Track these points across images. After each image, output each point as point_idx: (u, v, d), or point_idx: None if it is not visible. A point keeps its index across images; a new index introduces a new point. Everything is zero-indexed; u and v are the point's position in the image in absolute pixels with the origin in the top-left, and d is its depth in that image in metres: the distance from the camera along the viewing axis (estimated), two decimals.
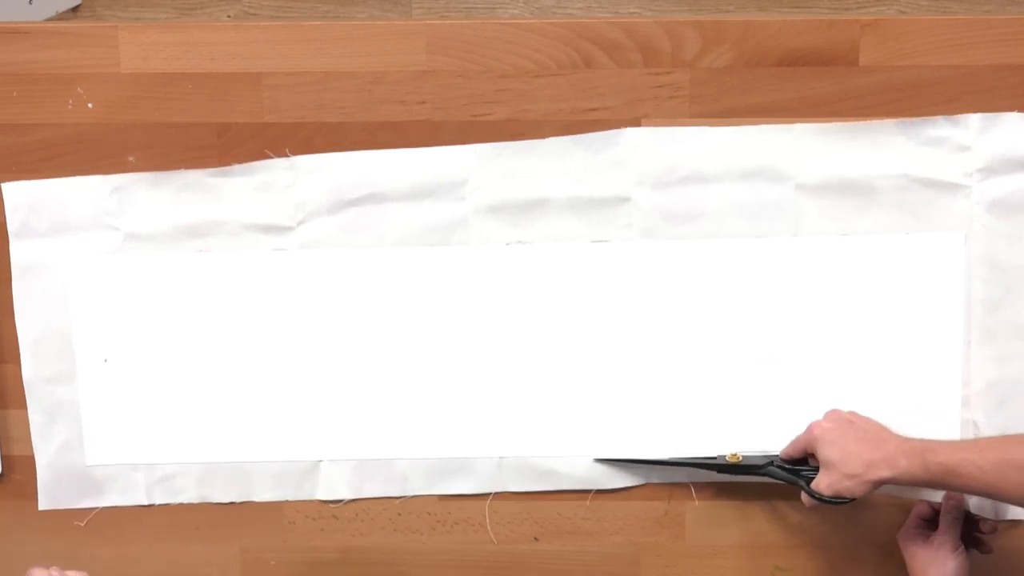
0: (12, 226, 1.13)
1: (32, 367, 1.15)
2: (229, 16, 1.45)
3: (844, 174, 1.11)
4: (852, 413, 1.07)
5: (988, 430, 1.14)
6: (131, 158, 1.12)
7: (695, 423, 1.14)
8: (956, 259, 1.12)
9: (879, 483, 0.99)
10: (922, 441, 0.98)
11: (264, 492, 1.16)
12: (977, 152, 1.11)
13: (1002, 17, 1.11)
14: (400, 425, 1.15)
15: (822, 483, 1.02)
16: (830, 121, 1.11)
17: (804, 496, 1.06)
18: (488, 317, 1.13)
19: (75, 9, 1.44)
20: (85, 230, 1.13)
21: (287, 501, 1.16)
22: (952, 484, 0.94)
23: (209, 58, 1.10)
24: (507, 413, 1.15)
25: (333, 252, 1.13)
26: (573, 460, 1.14)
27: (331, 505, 1.17)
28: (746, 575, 1.17)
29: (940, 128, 1.11)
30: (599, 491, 1.15)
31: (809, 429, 1.06)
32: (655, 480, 1.15)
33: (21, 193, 1.13)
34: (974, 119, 1.10)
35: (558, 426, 1.15)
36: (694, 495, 1.15)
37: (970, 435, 1.14)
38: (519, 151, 1.11)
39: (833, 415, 1.06)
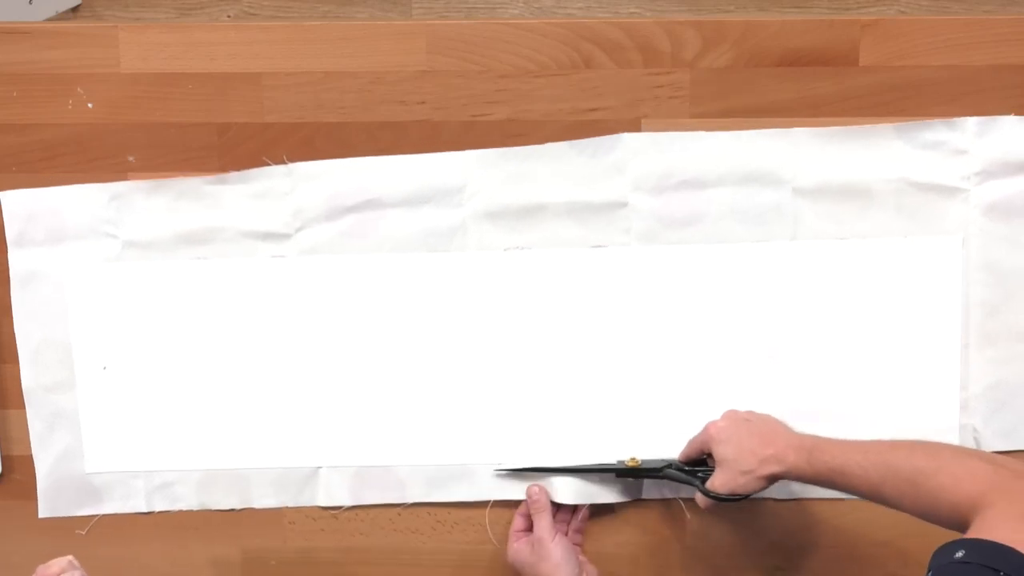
0: (10, 235, 1.13)
1: (32, 375, 1.15)
2: (229, 16, 1.45)
3: (842, 178, 1.11)
4: (749, 412, 1.07)
5: (987, 434, 1.14)
6: (131, 158, 1.12)
7: (695, 426, 1.13)
8: (954, 263, 1.12)
9: (771, 478, 0.99)
10: (814, 439, 0.98)
11: (264, 499, 1.16)
12: (974, 155, 1.11)
13: (1002, 17, 1.11)
14: (399, 431, 1.15)
15: (717, 481, 1.02)
16: (830, 120, 1.11)
17: (698, 496, 1.06)
18: (487, 323, 1.13)
19: (75, 9, 1.44)
20: (83, 238, 1.13)
21: None
22: (837, 483, 0.94)
23: (209, 58, 1.10)
24: (507, 420, 1.14)
25: (331, 259, 1.13)
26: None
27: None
28: (746, 575, 1.17)
29: (937, 132, 1.11)
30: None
31: (705, 429, 1.06)
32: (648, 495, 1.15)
33: (19, 202, 1.13)
34: (971, 123, 1.10)
35: (558, 433, 1.14)
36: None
37: (969, 440, 1.14)
38: (517, 156, 1.11)
39: (730, 414, 1.06)
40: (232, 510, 1.17)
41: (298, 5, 1.45)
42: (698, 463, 1.09)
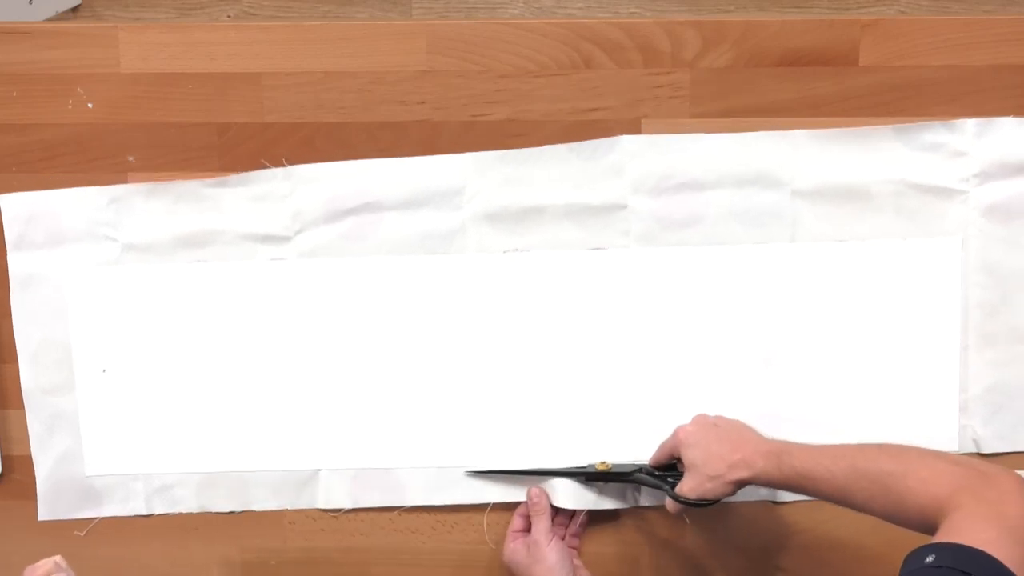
0: (10, 238, 1.13)
1: (31, 378, 1.15)
2: (229, 16, 1.45)
3: (840, 180, 1.11)
4: (718, 417, 1.07)
5: (986, 435, 1.14)
6: (131, 158, 1.12)
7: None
8: (953, 264, 1.12)
9: (739, 483, 0.99)
10: (782, 443, 0.98)
11: (263, 501, 1.16)
12: (973, 157, 1.11)
13: (1002, 17, 1.11)
14: (399, 434, 1.15)
15: (686, 486, 1.02)
16: (830, 121, 1.11)
17: (668, 501, 1.06)
18: (486, 325, 1.13)
19: (75, 9, 1.44)
20: (83, 241, 1.13)
21: None
22: (805, 487, 0.94)
23: (209, 58, 1.10)
24: (506, 422, 1.14)
25: (331, 261, 1.13)
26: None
27: None
28: (746, 575, 1.17)
29: (936, 133, 1.11)
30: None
31: (674, 433, 1.06)
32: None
33: (19, 205, 1.13)
34: (970, 124, 1.10)
35: (558, 435, 1.14)
36: None
37: (968, 441, 1.14)
38: (516, 159, 1.11)
39: (699, 419, 1.06)
40: (232, 512, 1.17)
41: (298, 5, 1.45)
42: (668, 467, 1.08)
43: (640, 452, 1.12)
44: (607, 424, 1.14)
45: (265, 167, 1.12)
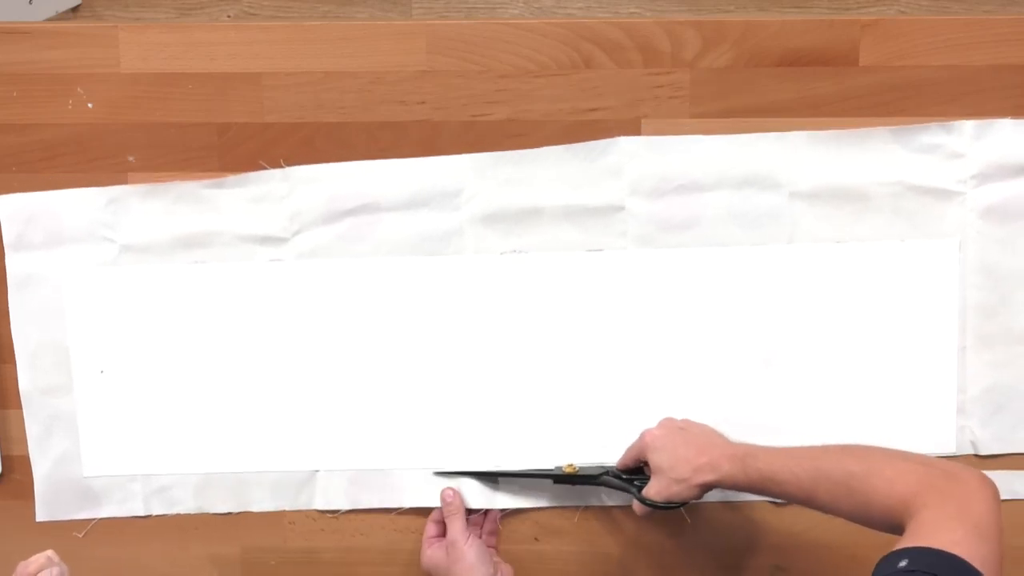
0: (8, 239, 1.13)
1: (29, 379, 1.15)
2: (229, 16, 1.45)
3: (838, 182, 1.11)
4: (685, 420, 1.07)
5: (984, 436, 1.14)
6: (131, 158, 1.12)
7: None
8: (951, 266, 1.12)
9: (705, 487, 0.99)
10: (748, 447, 0.98)
11: (261, 502, 1.16)
12: (971, 158, 1.11)
13: (1002, 17, 1.11)
14: (397, 435, 1.15)
15: (652, 489, 1.02)
16: (830, 121, 1.11)
17: (635, 504, 1.05)
18: (484, 327, 1.13)
19: (75, 9, 1.44)
20: (81, 242, 1.13)
21: None
22: (771, 490, 0.94)
23: (209, 58, 1.10)
24: (505, 424, 1.14)
25: (328, 262, 1.13)
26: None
27: None
28: (746, 575, 1.17)
29: (934, 135, 1.11)
30: (587, 508, 1.15)
31: (641, 436, 1.06)
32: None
33: (17, 206, 1.13)
34: (968, 126, 1.10)
35: (556, 437, 1.14)
36: None
37: (966, 443, 1.14)
38: (513, 160, 1.11)
39: (666, 422, 1.07)
40: (231, 513, 1.17)
41: (298, 5, 1.45)
42: (636, 470, 1.08)
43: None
44: (608, 425, 1.14)
45: (263, 168, 1.12)
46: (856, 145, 1.11)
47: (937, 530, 0.77)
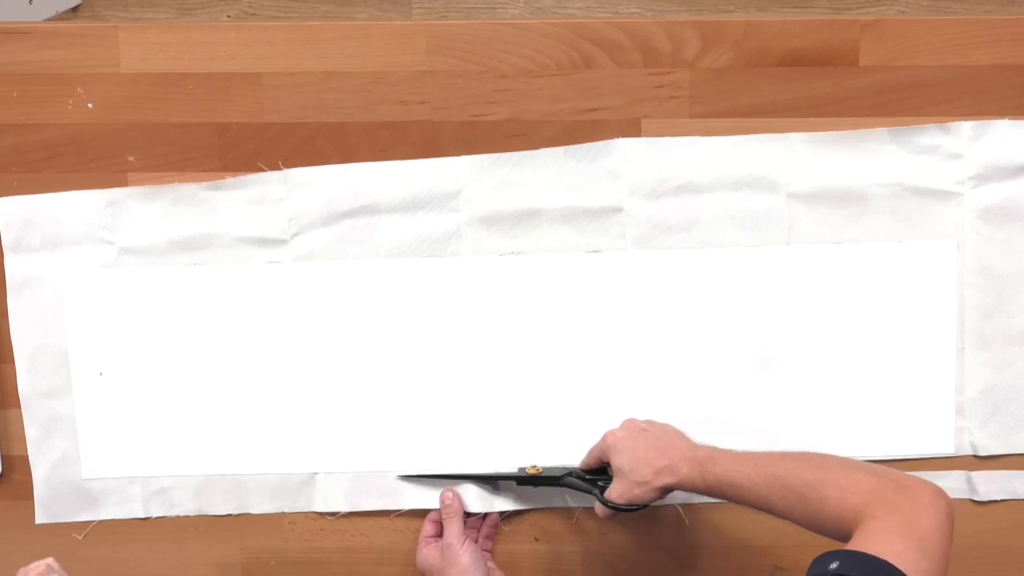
0: (7, 241, 1.13)
1: (28, 381, 1.15)
2: (229, 16, 1.45)
3: (836, 183, 1.11)
4: (648, 421, 1.07)
5: (983, 437, 1.14)
6: (131, 158, 1.12)
7: (692, 429, 1.13)
8: (949, 267, 1.12)
9: (665, 489, 0.99)
10: (708, 450, 0.98)
11: (261, 504, 1.16)
12: (969, 159, 1.11)
13: (1002, 17, 1.11)
14: (396, 437, 1.14)
15: (614, 491, 1.02)
16: (830, 121, 1.11)
17: (597, 506, 1.06)
18: (482, 328, 1.13)
19: (75, 9, 1.44)
20: (79, 244, 1.13)
21: None
22: (728, 495, 0.94)
23: (209, 58, 1.10)
24: (504, 426, 1.14)
25: (327, 264, 1.13)
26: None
27: None
28: (746, 575, 1.17)
29: (932, 136, 1.11)
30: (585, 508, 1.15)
31: (604, 438, 1.06)
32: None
33: (15, 208, 1.13)
34: (966, 127, 1.10)
35: (555, 438, 1.14)
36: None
37: (965, 444, 1.14)
38: (512, 162, 1.11)
39: (628, 424, 1.07)
40: (229, 515, 1.17)
41: (298, 5, 1.45)
42: (599, 471, 1.08)
43: None
44: (611, 425, 1.13)
45: (261, 170, 1.12)
46: (854, 146, 1.11)
47: (879, 540, 0.77)
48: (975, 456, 1.15)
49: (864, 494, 0.82)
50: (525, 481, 1.13)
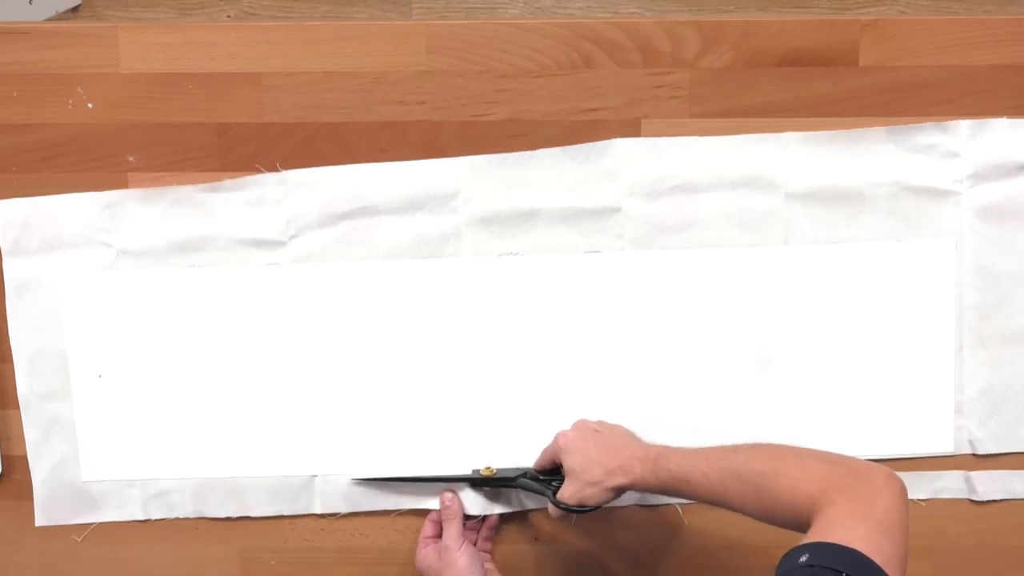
0: (5, 244, 1.13)
1: (27, 384, 1.15)
2: (229, 16, 1.45)
3: (834, 182, 1.11)
4: (599, 422, 1.07)
5: (982, 436, 1.14)
6: (131, 158, 1.12)
7: (690, 429, 1.13)
8: (947, 266, 1.12)
9: (618, 489, 0.99)
10: (659, 448, 0.98)
11: (260, 507, 1.16)
12: (967, 158, 1.11)
13: (1002, 17, 1.11)
14: (396, 439, 1.14)
15: (566, 492, 1.02)
16: (830, 121, 1.11)
17: (550, 507, 1.05)
18: (481, 329, 1.13)
19: (75, 9, 1.44)
20: (78, 247, 1.13)
21: None
22: (682, 491, 0.94)
23: (209, 58, 1.10)
24: (503, 427, 1.14)
25: (325, 266, 1.13)
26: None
27: None
28: (746, 575, 1.17)
29: (930, 135, 1.11)
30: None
31: (555, 439, 1.06)
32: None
33: (14, 211, 1.12)
34: (963, 126, 1.10)
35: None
36: None
37: (964, 442, 1.14)
38: (510, 163, 1.11)
39: (580, 424, 1.07)
40: (228, 518, 1.17)
41: (298, 5, 1.45)
42: (553, 472, 1.08)
43: None
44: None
45: (259, 171, 1.12)
46: (852, 145, 1.11)
47: (840, 526, 0.77)
48: (974, 455, 1.15)
49: (819, 481, 0.82)
50: (479, 483, 1.13)
